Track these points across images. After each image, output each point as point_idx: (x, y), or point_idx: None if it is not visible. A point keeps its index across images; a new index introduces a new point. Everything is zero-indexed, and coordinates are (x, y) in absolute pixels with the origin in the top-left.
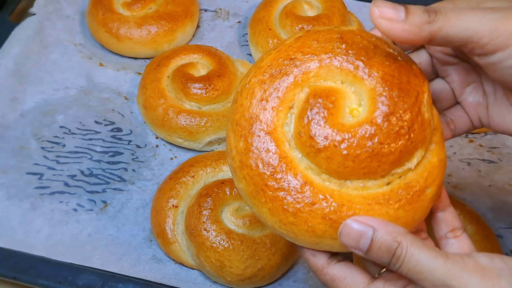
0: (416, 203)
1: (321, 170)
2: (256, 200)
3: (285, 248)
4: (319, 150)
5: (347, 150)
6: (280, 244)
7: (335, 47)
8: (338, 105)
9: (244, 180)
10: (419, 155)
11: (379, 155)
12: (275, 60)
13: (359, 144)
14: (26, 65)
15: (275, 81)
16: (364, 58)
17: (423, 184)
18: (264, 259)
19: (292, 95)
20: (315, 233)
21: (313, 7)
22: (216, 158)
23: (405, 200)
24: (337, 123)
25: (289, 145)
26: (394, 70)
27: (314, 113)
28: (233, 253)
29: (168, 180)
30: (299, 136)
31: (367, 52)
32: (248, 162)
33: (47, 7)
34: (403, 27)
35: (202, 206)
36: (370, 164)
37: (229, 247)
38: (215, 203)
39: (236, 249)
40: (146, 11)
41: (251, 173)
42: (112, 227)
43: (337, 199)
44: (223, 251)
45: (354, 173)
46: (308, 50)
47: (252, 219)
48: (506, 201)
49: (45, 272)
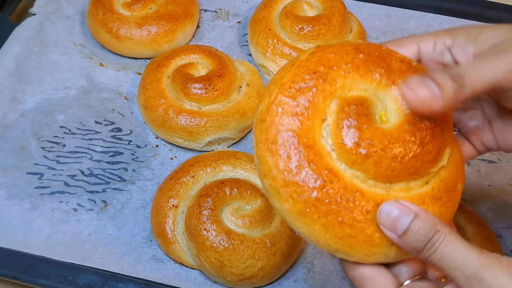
0: (453, 199)
1: (368, 176)
2: (307, 218)
3: (285, 248)
4: (366, 155)
5: (394, 152)
6: (280, 244)
7: (354, 57)
8: (371, 112)
9: (291, 199)
10: (448, 152)
11: (421, 154)
12: (297, 75)
13: (404, 145)
14: (26, 65)
15: (303, 95)
16: (384, 66)
17: (455, 180)
18: (264, 259)
19: (323, 107)
20: (373, 241)
21: (313, 7)
22: (216, 158)
23: (445, 197)
24: (376, 128)
25: (330, 157)
26: (413, 74)
27: (352, 121)
28: (233, 253)
29: (168, 180)
30: (342, 145)
31: (384, 60)
32: (294, 180)
33: (47, 7)
34: (441, 104)
35: (202, 206)
36: (415, 164)
37: (229, 247)
38: (215, 203)
39: (236, 249)
40: (146, 11)
41: (298, 190)
42: (112, 227)
43: None
44: (223, 251)
45: (400, 175)
46: (328, 63)
47: (252, 219)
48: (506, 201)
49: (45, 271)
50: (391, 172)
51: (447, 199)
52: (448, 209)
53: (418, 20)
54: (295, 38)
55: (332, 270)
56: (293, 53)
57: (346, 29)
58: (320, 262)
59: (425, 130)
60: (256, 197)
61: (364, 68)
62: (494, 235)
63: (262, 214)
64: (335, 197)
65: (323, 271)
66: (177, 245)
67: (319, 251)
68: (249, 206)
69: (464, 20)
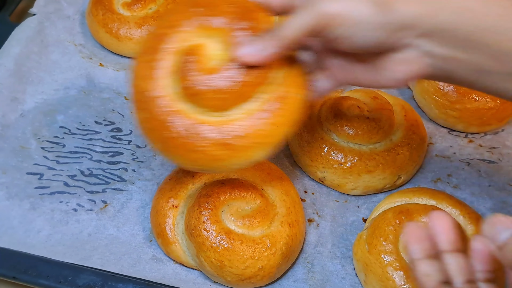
0: (289, 104)
1: (207, 109)
2: (169, 152)
3: (285, 248)
4: (200, 92)
5: (223, 84)
6: (280, 244)
7: (194, 12)
8: (203, 55)
9: (157, 139)
10: (281, 75)
11: (245, 83)
12: (149, 40)
13: (230, 77)
14: (26, 65)
15: (154, 57)
16: (212, 11)
17: (290, 91)
18: (264, 259)
19: (170, 61)
20: (218, 158)
21: None
22: None
23: (280, 105)
24: (207, 68)
25: (176, 100)
26: (236, 8)
27: (187, 67)
28: (233, 253)
29: (168, 180)
30: (183, 89)
31: (215, 5)
32: (154, 124)
33: (47, 7)
34: (262, 57)
35: (202, 206)
36: (240, 90)
37: (229, 247)
38: (215, 203)
39: (236, 249)
40: (146, 12)
41: (159, 132)
42: (112, 227)
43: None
44: (223, 251)
45: (232, 102)
46: (175, 23)
47: (252, 219)
48: (506, 201)
49: (45, 272)
50: (224, 102)
51: (282, 105)
52: (286, 114)
53: None
54: None
55: (332, 270)
56: None
57: None
58: (320, 262)
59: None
60: (256, 197)
61: (198, 19)
62: None
63: (262, 214)
64: (183, 131)
65: (323, 271)
66: (177, 245)
67: (319, 251)
68: (249, 206)
69: None
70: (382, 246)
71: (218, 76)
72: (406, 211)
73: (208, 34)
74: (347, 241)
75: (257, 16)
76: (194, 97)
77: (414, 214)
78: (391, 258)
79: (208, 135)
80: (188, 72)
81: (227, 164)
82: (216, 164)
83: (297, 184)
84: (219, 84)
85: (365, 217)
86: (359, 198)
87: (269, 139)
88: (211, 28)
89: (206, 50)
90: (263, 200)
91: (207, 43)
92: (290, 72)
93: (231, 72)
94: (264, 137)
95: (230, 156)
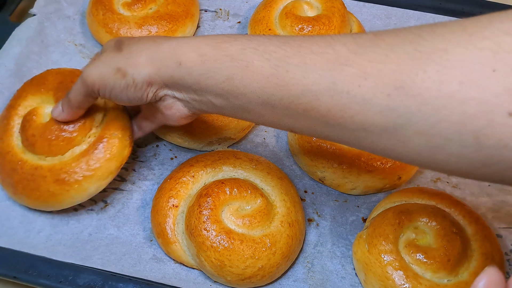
0: (112, 144)
1: (41, 156)
2: (17, 196)
3: (285, 248)
4: (32, 143)
5: (52, 135)
6: (280, 243)
7: (26, 85)
8: (38, 114)
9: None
10: (101, 119)
11: (60, 137)
12: (4, 111)
13: (58, 129)
14: (26, 65)
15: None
16: (45, 83)
17: (110, 133)
18: (264, 258)
19: (15, 122)
20: (54, 193)
21: (313, 8)
22: (216, 158)
23: (106, 147)
24: (40, 125)
25: (24, 152)
26: (61, 76)
27: (26, 125)
28: (233, 253)
29: (168, 180)
30: (24, 142)
31: (45, 79)
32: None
33: (47, 7)
34: (64, 117)
35: (202, 206)
36: (68, 137)
37: (229, 247)
38: (215, 203)
39: (236, 249)
40: (146, 12)
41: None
42: (112, 226)
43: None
44: (223, 250)
45: (64, 147)
46: (25, 93)
47: (252, 219)
48: (506, 201)
49: (45, 271)
50: (53, 148)
51: (106, 144)
52: (112, 150)
53: (418, 20)
54: None
55: (332, 269)
56: None
57: (346, 29)
58: (320, 262)
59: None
60: (256, 197)
61: (35, 88)
62: (493, 235)
63: (262, 214)
64: (25, 175)
65: (323, 271)
66: (177, 245)
67: (319, 251)
68: (249, 206)
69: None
70: (382, 246)
71: (49, 129)
72: (406, 210)
73: (42, 100)
74: (347, 240)
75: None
76: (32, 147)
77: (414, 214)
78: (391, 257)
79: (45, 174)
80: (26, 129)
81: (65, 199)
82: (55, 199)
83: (297, 184)
84: (50, 135)
85: (364, 217)
86: (359, 197)
87: (99, 172)
88: (45, 94)
89: (40, 111)
90: (263, 199)
91: (41, 106)
92: (112, 117)
93: (59, 125)
94: (94, 170)
95: (66, 190)
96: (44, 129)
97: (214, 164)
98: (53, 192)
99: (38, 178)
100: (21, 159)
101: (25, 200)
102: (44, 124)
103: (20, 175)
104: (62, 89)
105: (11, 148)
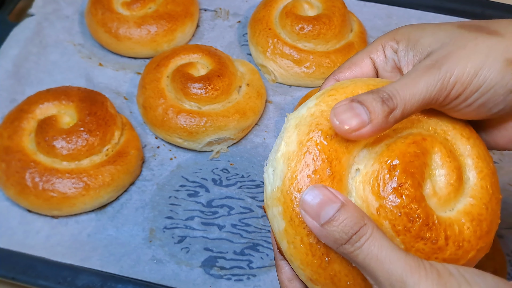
0: (128, 158)
1: (60, 159)
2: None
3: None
4: (54, 147)
5: (72, 142)
6: None
7: (52, 95)
8: (57, 121)
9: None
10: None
11: (89, 140)
12: (13, 112)
13: (79, 136)
14: (25, 66)
15: (18, 123)
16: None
17: (129, 149)
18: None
19: (31, 125)
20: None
21: (313, 7)
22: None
23: (122, 159)
24: (59, 130)
25: (34, 153)
26: (83, 93)
27: (44, 129)
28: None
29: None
30: (38, 144)
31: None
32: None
33: (45, 7)
34: (371, 130)
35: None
36: (86, 146)
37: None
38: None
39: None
40: (145, 11)
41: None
42: (111, 227)
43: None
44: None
45: (83, 155)
46: (35, 99)
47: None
48: (506, 201)
49: (44, 272)
50: (69, 153)
51: (122, 158)
52: (127, 163)
53: (419, 19)
54: (295, 37)
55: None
56: (293, 53)
57: (347, 28)
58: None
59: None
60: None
61: (54, 96)
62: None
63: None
64: (39, 175)
65: None
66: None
67: None
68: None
69: (464, 19)
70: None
71: (72, 135)
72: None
73: (61, 108)
74: None
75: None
76: (49, 149)
77: None
78: None
79: (61, 176)
80: (46, 132)
81: (77, 203)
82: (68, 202)
83: None
84: (72, 141)
85: None
86: None
87: (115, 184)
88: (65, 104)
89: (60, 118)
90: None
91: (61, 114)
92: (129, 137)
93: (81, 133)
94: (113, 181)
95: (82, 195)
96: (66, 134)
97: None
98: (67, 195)
99: (53, 179)
100: (34, 160)
101: (31, 200)
102: (66, 129)
103: (32, 175)
104: (87, 101)
105: (21, 148)
